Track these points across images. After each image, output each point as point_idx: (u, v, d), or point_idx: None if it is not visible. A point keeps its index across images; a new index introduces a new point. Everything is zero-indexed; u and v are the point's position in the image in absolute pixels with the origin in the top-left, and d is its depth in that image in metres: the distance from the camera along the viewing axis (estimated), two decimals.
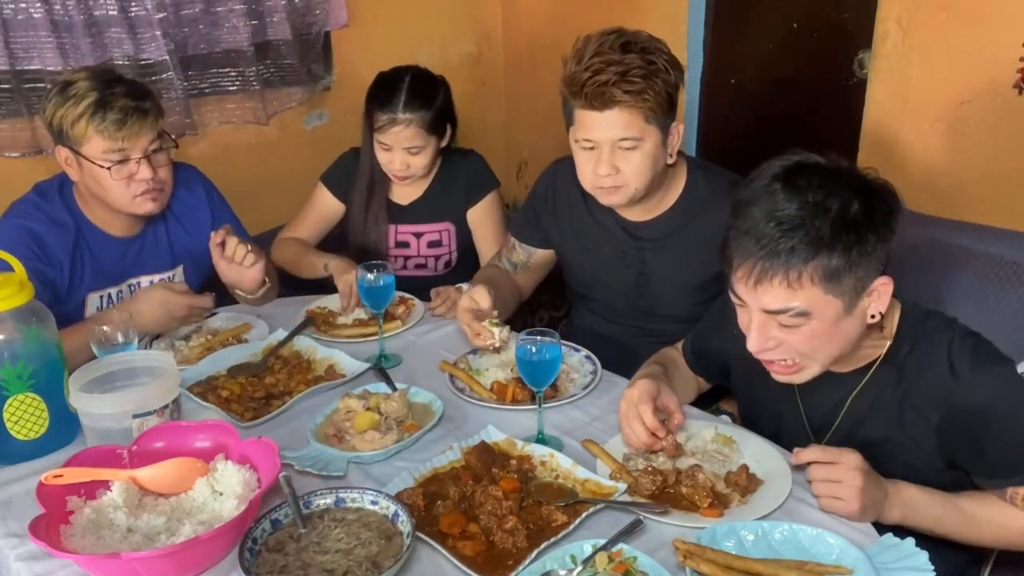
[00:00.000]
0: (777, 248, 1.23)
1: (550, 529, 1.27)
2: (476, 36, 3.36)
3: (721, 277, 1.87)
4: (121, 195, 1.87)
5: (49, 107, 1.83)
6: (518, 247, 2.13)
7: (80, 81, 1.83)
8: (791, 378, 1.37)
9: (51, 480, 1.28)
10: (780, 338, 1.31)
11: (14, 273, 1.51)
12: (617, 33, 1.71)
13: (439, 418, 1.58)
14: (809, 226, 1.22)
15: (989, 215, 2.12)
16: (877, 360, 1.40)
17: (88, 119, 1.80)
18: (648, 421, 1.41)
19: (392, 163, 2.24)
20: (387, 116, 2.17)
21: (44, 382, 1.49)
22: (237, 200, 2.26)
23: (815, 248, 1.22)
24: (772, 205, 1.25)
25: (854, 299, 1.27)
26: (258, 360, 1.82)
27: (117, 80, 1.87)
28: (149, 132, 1.86)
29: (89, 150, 1.82)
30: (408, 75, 2.22)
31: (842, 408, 1.44)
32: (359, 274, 1.82)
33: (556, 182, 2.04)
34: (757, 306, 1.29)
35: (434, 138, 2.25)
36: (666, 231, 1.91)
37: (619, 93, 1.66)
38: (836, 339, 1.31)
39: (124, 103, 1.81)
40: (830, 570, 1.16)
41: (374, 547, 1.23)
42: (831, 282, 1.24)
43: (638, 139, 1.72)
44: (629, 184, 1.77)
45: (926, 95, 2.27)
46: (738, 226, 1.29)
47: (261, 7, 2.63)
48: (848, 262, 1.23)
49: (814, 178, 1.25)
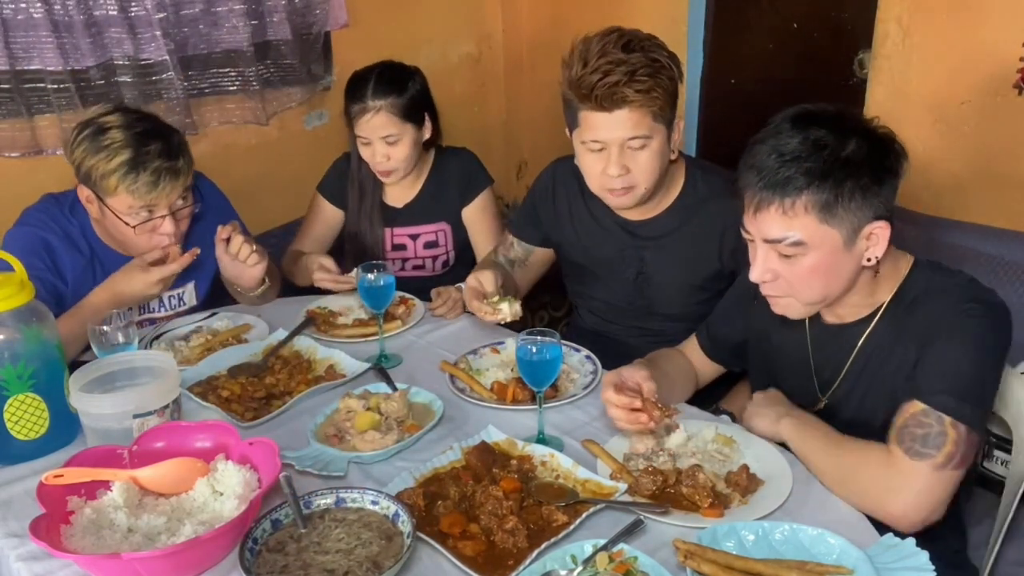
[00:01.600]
0: (775, 179, 1.31)
1: (550, 529, 1.27)
2: (476, 36, 3.36)
3: (720, 276, 1.89)
4: (140, 246, 1.87)
5: (78, 150, 1.79)
6: (516, 244, 2.13)
7: (113, 130, 1.79)
8: (784, 311, 1.44)
9: (51, 480, 1.28)
10: (779, 270, 1.37)
11: (14, 273, 1.51)
12: (617, 33, 1.71)
13: (439, 418, 1.58)
14: (806, 159, 1.30)
15: (989, 215, 2.12)
16: (883, 306, 1.43)
17: (120, 177, 1.77)
18: (612, 399, 1.45)
19: (373, 157, 2.23)
20: (359, 106, 2.18)
21: (44, 382, 1.49)
22: (237, 200, 2.26)
23: (808, 179, 1.29)
24: (777, 141, 1.33)
25: (852, 235, 1.33)
26: (258, 360, 1.82)
27: (153, 134, 1.82)
28: (179, 190, 1.85)
29: (115, 204, 1.81)
30: (378, 67, 2.24)
31: (848, 358, 1.47)
32: (358, 274, 1.82)
33: (556, 180, 2.04)
34: (759, 235, 1.37)
35: (410, 126, 2.22)
36: (665, 230, 1.91)
37: (630, 93, 1.67)
38: (832, 276, 1.37)
39: (158, 164, 1.79)
40: (830, 570, 1.16)
41: (374, 547, 1.23)
42: (825, 212, 1.30)
43: (647, 137, 1.73)
44: (639, 184, 1.78)
45: (926, 95, 2.27)
46: (745, 161, 1.37)
47: (261, 7, 2.63)
48: (840, 195, 1.29)
49: (820, 120, 1.33)
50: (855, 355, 1.46)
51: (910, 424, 1.30)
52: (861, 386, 1.47)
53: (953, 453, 1.27)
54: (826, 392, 1.52)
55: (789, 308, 1.43)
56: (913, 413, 1.30)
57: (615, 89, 1.66)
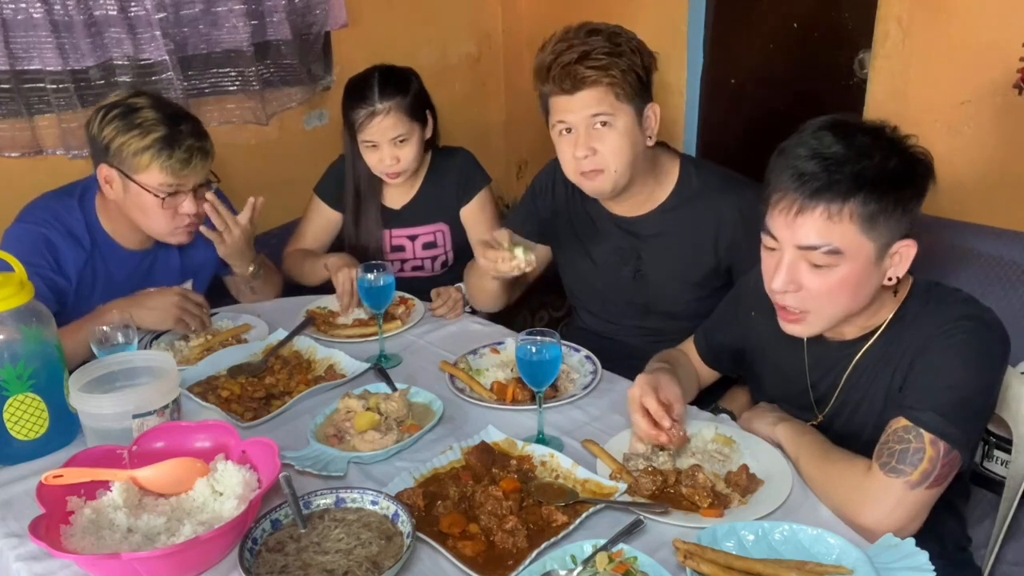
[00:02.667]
0: (821, 181, 1.26)
1: (550, 529, 1.27)
2: (476, 36, 3.36)
3: (716, 272, 1.89)
4: (163, 225, 1.91)
5: (108, 128, 1.83)
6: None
7: (145, 110, 1.84)
8: (797, 329, 1.39)
9: (51, 480, 1.28)
10: (804, 282, 1.33)
11: (14, 273, 1.51)
12: (586, 24, 1.75)
13: (439, 418, 1.58)
14: (854, 164, 1.26)
15: (989, 215, 2.12)
16: (882, 326, 1.42)
17: (155, 153, 1.82)
18: (652, 408, 1.42)
19: (382, 161, 2.21)
20: (366, 110, 2.16)
21: (44, 382, 1.49)
22: (237, 200, 2.25)
23: (858, 185, 1.26)
24: (819, 144, 1.29)
25: (883, 250, 1.30)
26: (258, 360, 1.82)
27: (182, 116, 1.90)
28: (205, 171, 1.91)
29: (145, 179, 1.84)
30: (376, 71, 2.22)
31: (844, 375, 1.46)
32: (359, 273, 1.82)
33: (556, 178, 2.05)
34: (792, 242, 1.31)
35: (417, 126, 2.22)
36: (660, 227, 1.91)
37: (582, 70, 1.69)
38: (858, 292, 1.33)
39: (191, 143, 1.85)
40: (830, 570, 1.16)
41: (374, 547, 1.23)
42: (868, 223, 1.27)
43: (610, 114, 1.73)
44: (608, 165, 1.77)
45: (926, 95, 2.27)
46: (781, 164, 1.32)
47: (261, 7, 2.63)
48: (885, 207, 1.26)
49: (861, 129, 1.31)
50: (850, 372, 1.45)
51: (891, 440, 1.29)
52: (853, 402, 1.46)
53: (928, 472, 1.25)
54: (822, 408, 1.51)
55: (807, 325, 1.38)
56: (896, 429, 1.29)
57: (569, 67, 1.69)
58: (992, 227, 2.01)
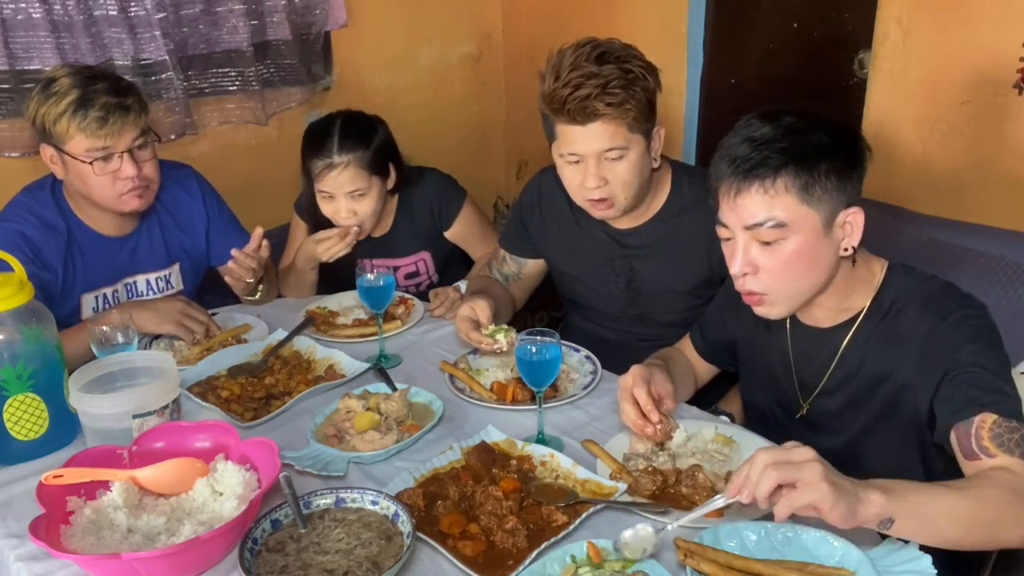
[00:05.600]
0: (753, 161, 1.32)
1: (550, 529, 1.27)
2: (476, 36, 3.36)
3: (710, 283, 1.88)
4: (107, 193, 1.87)
5: (32, 104, 1.83)
6: (508, 259, 2.12)
7: (62, 78, 1.82)
8: (763, 310, 1.42)
9: (51, 480, 1.28)
10: (760, 262, 1.36)
11: (14, 273, 1.51)
12: (591, 44, 1.70)
13: (439, 418, 1.58)
14: (782, 141, 1.32)
15: (989, 215, 2.12)
16: (862, 312, 1.43)
17: (70, 117, 1.79)
18: (642, 400, 1.43)
19: (338, 213, 2.10)
20: (323, 162, 2.05)
21: (44, 382, 1.49)
22: (237, 200, 2.26)
23: (785, 158, 1.31)
24: (748, 131, 1.35)
25: (830, 219, 1.33)
26: (258, 360, 1.82)
27: (99, 76, 1.86)
28: (132, 129, 1.85)
29: (72, 147, 1.82)
30: (340, 119, 2.12)
31: (831, 364, 1.47)
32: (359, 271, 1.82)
33: (542, 192, 2.03)
34: (739, 224, 1.35)
35: (376, 179, 2.11)
36: (653, 238, 1.90)
37: (601, 106, 1.66)
38: (813, 264, 1.36)
39: (106, 100, 1.81)
40: (832, 572, 1.16)
41: (374, 547, 1.23)
42: (804, 192, 1.31)
43: (623, 148, 1.72)
44: (618, 195, 1.77)
45: (926, 95, 2.27)
46: (718, 156, 1.38)
47: (261, 7, 2.63)
48: (817, 176, 1.30)
49: (787, 111, 1.36)
50: (836, 362, 1.46)
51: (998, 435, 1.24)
52: (842, 393, 1.47)
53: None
54: (807, 398, 1.52)
55: (771, 306, 1.41)
56: (991, 426, 1.25)
57: (587, 103, 1.66)
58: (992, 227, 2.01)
